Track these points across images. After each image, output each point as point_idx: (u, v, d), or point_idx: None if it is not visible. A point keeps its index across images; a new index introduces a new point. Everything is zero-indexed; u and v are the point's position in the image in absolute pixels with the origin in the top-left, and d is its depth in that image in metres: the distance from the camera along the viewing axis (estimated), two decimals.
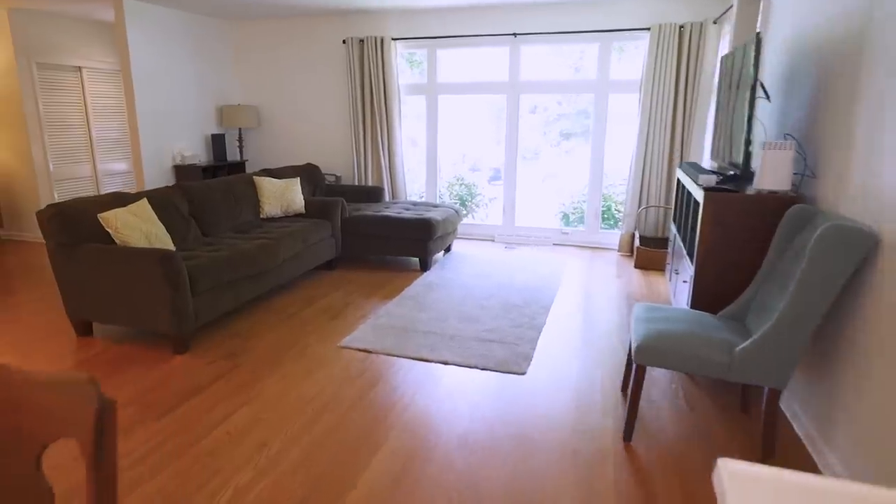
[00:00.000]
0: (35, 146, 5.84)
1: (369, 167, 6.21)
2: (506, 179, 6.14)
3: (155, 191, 4.07)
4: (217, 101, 6.36)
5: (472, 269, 5.12)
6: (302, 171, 5.67)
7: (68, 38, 6.07)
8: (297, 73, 6.39)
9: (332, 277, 4.91)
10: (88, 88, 6.35)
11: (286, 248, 4.26)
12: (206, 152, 6.26)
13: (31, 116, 5.78)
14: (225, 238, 4.29)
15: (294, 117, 6.52)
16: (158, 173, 5.64)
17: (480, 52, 6.02)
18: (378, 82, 5.95)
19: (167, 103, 5.67)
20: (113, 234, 3.43)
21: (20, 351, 3.46)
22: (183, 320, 3.31)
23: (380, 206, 5.49)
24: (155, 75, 5.50)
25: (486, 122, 6.75)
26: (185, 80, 5.87)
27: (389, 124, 6.06)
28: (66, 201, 3.48)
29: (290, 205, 4.98)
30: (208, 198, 4.42)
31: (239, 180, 4.81)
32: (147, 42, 5.37)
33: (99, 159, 6.55)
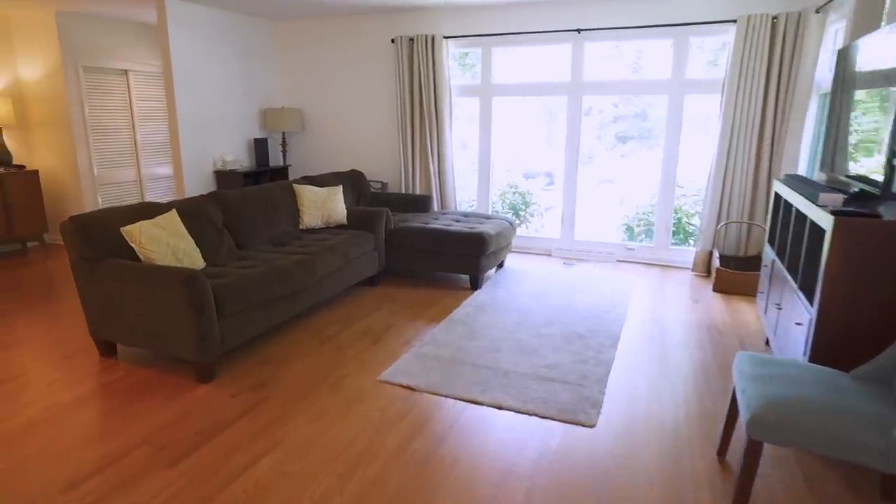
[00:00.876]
0: (80, 150, 5.74)
1: (417, 174, 5.81)
2: (565, 189, 5.62)
3: (187, 200, 3.79)
4: (260, 103, 6.12)
5: (528, 289, 4.63)
6: (346, 178, 5.33)
7: (115, 41, 5.95)
8: (343, 74, 6.07)
9: (375, 295, 4.52)
10: (134, 92, 6.22)
11: (325, 263, 3.90)
12: (248, 157, 6.02)
13: (77, 120, 5.68)
14: (260, 251, 3.97)
15: (339, 121, 6.21)
16: (199, 179, 5.42)
17: (539, 50, 5.53)
18: (428, 83, 5.55)
19: (209, 106, 5.45)
20: (137, 249, 3.14)
21: (41, 368, 3.21)
22: (207, 347, 2.98)
23: (427, 217, 5.08)
24: (197, 77, 5.27)
25: (538, 124, 6.26)
26: (227, 82, 5.64)
27: (439, 128, 5.64)
28: (89, 213, 3.22)
29: (331, 215, 4.63)
30: (244, 208, 4.11)
31: (278, 188, 4.50)
32: (189, 43, 5.15)
33: (143, 164, 6.42)
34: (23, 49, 5.71)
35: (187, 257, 3.34)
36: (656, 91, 5.07)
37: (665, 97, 5.06)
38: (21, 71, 5.78)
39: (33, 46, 5.63)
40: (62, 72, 5.52)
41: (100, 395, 2.95)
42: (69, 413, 2.76)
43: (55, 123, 5.74)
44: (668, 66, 5.02)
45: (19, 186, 5.46)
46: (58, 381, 3.09)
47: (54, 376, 3.15)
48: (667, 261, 5.36)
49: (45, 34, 5.51)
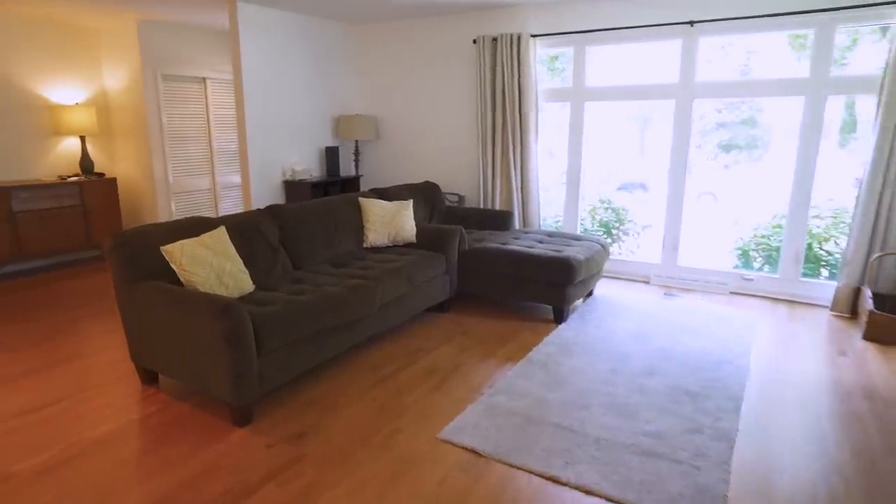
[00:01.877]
0: (156, 158, 5.69)
1: (497, 187, 5.25)
2: (669, 207, 4.84)
3: (240, 216, 3.45)
4: (333, 110, 5.82)
5: (623, 325, 3.92)
6: (418, 191, 4.87)
7: (194, 49, 5.89)
8: (421, 78, 5.64)
9: (443, 324, 4.00)
10: (212, 99, 6.13)
11: (387, 290, 3.43)
12: (318, 167, 5.73)
13: (154, 128, 5.63)
14: (318, 272, 3.57)
15: (415, 128, 5.78)
16: (267, 189, 5.17)
17: (641, 48, 4.81)
18: (512, 87, 4.99)
19: (280, 113, 5.19)
20: (177, 270, 2.81)
21: (80, 394, 2.96)
22: (243, 389, 2.57)
23: (507, 237, 4.50)
24: (267, 83, 5.03)
25: (629, 131, 5.52)
26: (299, 88, 5.37)
27: (524, 137, 5.06)
28: (132, 230, 2.94)
29: (398, 232, 4.17)
30: (303, 224, 3.74)
31: (341, 202, 4.10)
32: (260, 48, 4.91)
33: (218, 172, 6.33)
34: (108, 59, 5.75)
35: (233, 280, 2.98)
36: (790, 92, 4.20)
37: (800, 99, 4.18)
38: (106, 80, 5.84)
39: (117, 56, 5.65)
40: (141, 80, 5.49)
41: (130, 432, 2.62)
42: (91, 455, 2.44)
43: (134, 131, 5.73)
44: (804, 62, 4.14)
45: (98, 194, 5.47)
46: (92, 412, 2.82)
47: (90, 405, 2.88)
48: (796, 296, 4.44)
49: (128, 43, 5.51)
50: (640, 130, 5.56)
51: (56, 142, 5.53)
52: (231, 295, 2.96)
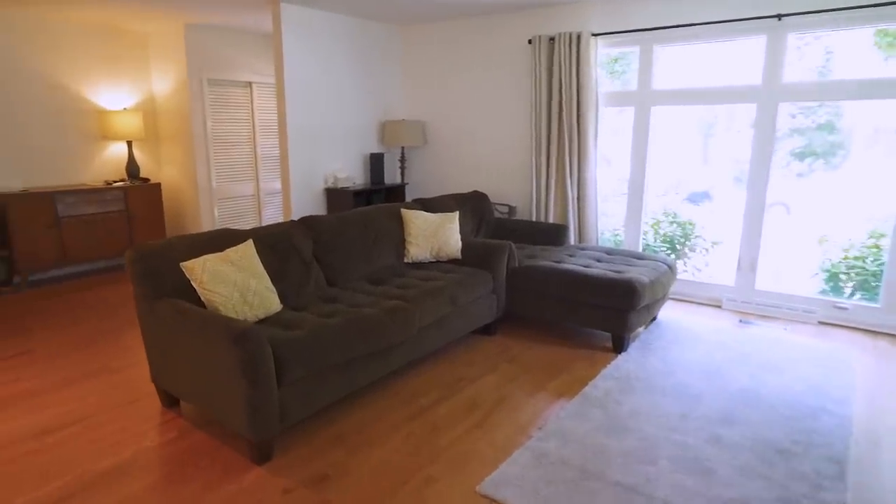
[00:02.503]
0: (199, 163, 5.60)
1: (551, 198, 4.85)
2: (746, 222, 4.32)
3: (271, 227, 3.21)
4: (379, 115, 5.57)
5: (693, 358, 3.45)
6: (465, 202, 4.54)
7: (240, 53, 5.78)
8: (471, 82, 5.32)
9: (488, 348, 3.64)
10: (257, 104, 6.02)
11: (427, 312, 3.11)
12: (362, 174, 5.49)
13: (199, 133, 5.54)
14: (354, 290, 3.29)
15: (464, 134, 5.46)
16: (309, 197, 4.96)
17: (717, 47, 4.32)
18: (570, 90, 4.59)
19: (323, 118, 4.98)
20: (197, 288, 2.58)
21: (99, 415, 2.78)
22: (261, 423, 2.30)
23: (561, 253, 4.10)
24: (311, 87, 4.83)
25: (693, 137, 5.00)
26: (344, 92, 5.14)
27: (582, 143, 4.65)
28: (154, 242, 2.73)
29: (442, 247, 3.84)
30: (339, 237, 3.47)
31: (382, 214, 3.82)
32: (304, 50, 4.72)
33: (262, 178, 6.20)
34: (156, 64, 5.72)
35: (259, 299, 2.73)
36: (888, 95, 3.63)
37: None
38: (154, 85, 5.81)
39: (165, 61, 5.61)
40: (187, 85, 5.41)
41: (141, 464, 2.40)
42: (97, 489, 2.23)
43: (179, 137, 5.67)
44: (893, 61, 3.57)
45: (142, 199, 5.42)
46: (107, 436, 2.62)
47: (106, 429, 2.68)
48: None
49: (175, 48, 5.45)
50: (703, 136, 5.04)
51: (104, 146, 5.52)
52: (256, 315, 2.71)
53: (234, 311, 2.61)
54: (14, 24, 4.85)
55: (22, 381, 3.19)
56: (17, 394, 3.05)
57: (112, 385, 3.15)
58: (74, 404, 2.93)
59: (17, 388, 3.10)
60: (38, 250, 4.78)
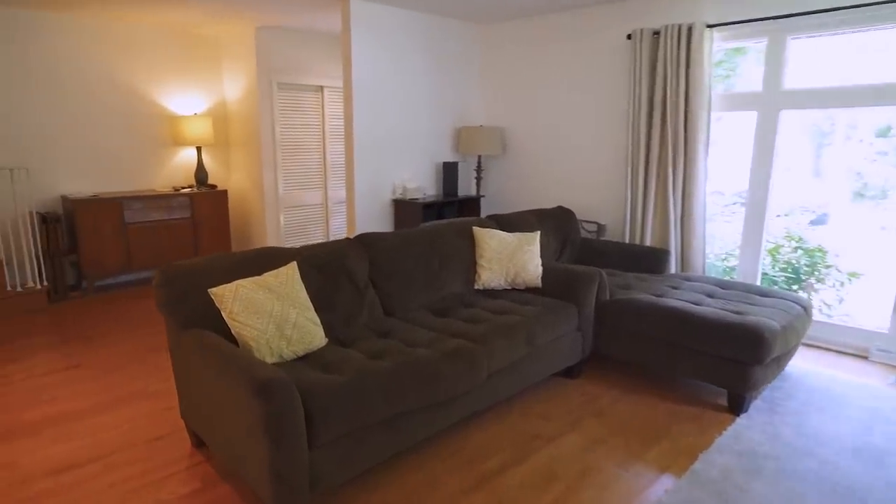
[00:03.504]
0: (267, 170, 5.37)
1: (649, 216, 4.17)
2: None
3: (323, 247, 2.80)
4: (454, 121, 5.11)
5: (840, 430, 2.69)
6: (547, 219, 3.97)
7: (312, 56, 5.52)
8: (557, 84, 4.73)
9: (570, 396, 3.05)
10: (328, 109, 5.74)
11: (498, 354, 2.58)
12: (434, 184, 5.04)
13: (267, 139, 5.32)
14: (414, 322, 2.81)
15: (549, 142, 4.88)
16: (375, 208, 4.57)
17: (860, 38, 3.50)
18: (677, 91, 3.91)
19: (393, 123, 4.58)
20: (227, 319, 2.19)
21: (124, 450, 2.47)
22: (286, 492, 1.86)
23: (662, 284, 3.43)
24: (380, 90, 4.44)
25: (801, 148, 4.14)
26: (416, 95, 4.72)
27: (689, 153, 3.95)
28: (185, 263, 2.38)
29: (519, 273, 3.29)
30: (401, 258, 3.01)
31: (451, 232, 3.32)
32: (373, 49, 4.34)
33: (331, 186, 5.91)
34: (228, 67, 5.58)
35: (299, 333, 2.31)
36: None
37: None
38: (226, 89, 5.67)
39: (236, 64, 5.45)
40: (257, 89, 5.20)
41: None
42: None
43: (248, 142, 5.48)
44: None
45: (208, 206, 5.25)
46: (126, 480, 2.30)
47: (127, 471, 2.36)
48: None
49: (246, 51, 5.26)
50: (816, 146, 4.18)
51: (174, 152, 5.43)
52: (294, 352, 2.29)
53: (267, 348, 2.20)
54: (88, 28, 4.82)
55: (59, 402, 2.97)
56: (50, 417, 2.81)
57: (146, 413, 2.85)
58: (103, 435, 2.64)
59: (51, 410, 2.88)
60: (103, 256, 4.69)
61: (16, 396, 3.04)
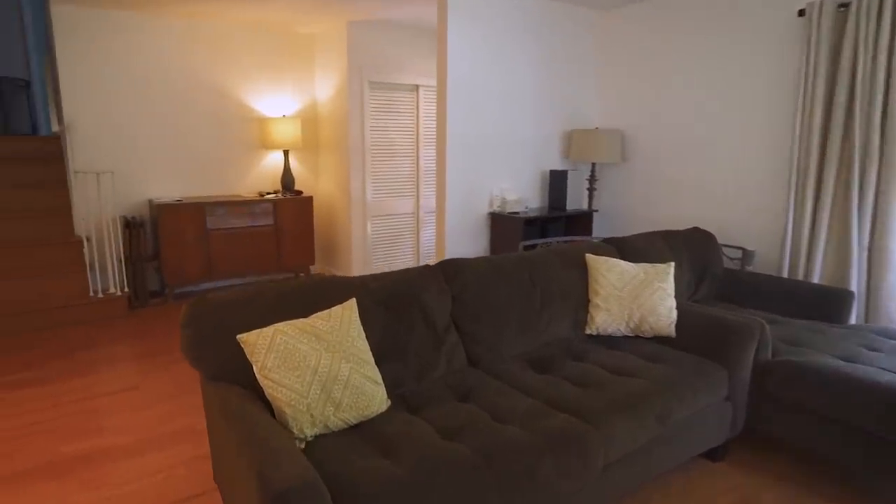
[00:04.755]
0: (354, 175, 4.96)
1: (819, 242, 3.21)
2: None
3: (392, 276, 2.23)
4: (564, 123, 4.38)
5: None
6: (681, 243, 3.15)
7: (407, 53, 5.04)
8: (694, 79, 3.86)
9: (715, 489, 2.24)
10: (423, 110, 5.23)
11: (619, 440, 1.87)
12: (538, 196, 4.35)
13: (356, 142, 4.91)
14: (506, 379, 2.17)
15: (680, 148, 4.02)
16: (467, 221, 3.97)
17: None
18: (872, 82, 2.95)
19: (492, 125, 3.96)
20: (258, 376, 1.68)
21: None
22: None
23: (847, 340, 2.52)
24: (478, 86, 3.84)
25: None
26: (519, 93, 4.07)
27: (885, 163, 2.96)
28: (217, 297, 1.90)
29: (645, 317, 2.53)
30: (493, 292, 2.37)
31: (557, 260, 2.63)
32: (472, 40, 3.75)
33: (423, 194, 5.40)
34: (320, 67, 5.25)
35: (352, 395, 1.74)
36: None
37: None
38: (317, 90, 5.35)
39: (327, 63, 5.10)
40: (347, 88, 4.80)
41: None
42: None
43: (337, 145, 5.10)
44: None
45: (292, 213, 4.94)
46: None
47: None
48: None
49: (337, 48, 4.89)
50: None
51: (262, 156, 5.18)
52: (344, 420, 1.73)
53: (307, 416, 1.66)
54: (176, 28, 4.65)
55: (103, 434, 2.65)
56: (87, 454, 2.49)
57: (186, 460, 2.44)
58: (134, 485, 2.26)
59: (91, 445, 2.56)
60: (184, 263, 4.50)
61: (64, 422, 2.77)
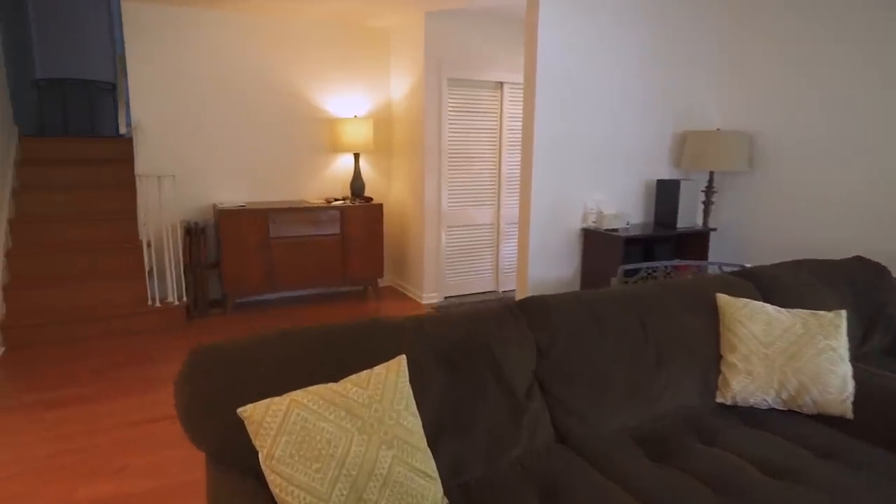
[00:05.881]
0: (429, 180, 4.49)
1: None
2: None
3: (451, 320, 1.69)
4: (675, 123, 3.69)
5: None
6: (840, 279, 2.41)
7: (491, 46, 4.52)
8: (850, 70, 3.05)
9: None
10: (507, 110, 4.69)
11: None
12: (641, 210, 3.68)
13: (431, 143, 4.45)
14: (608, 468, 1.59)
15: (827, 153, 3.21)
16: (555, 238, 3.39)
17: None
18: None
19: (587, 125, 3.35)
20: (264, 466, 1.20)
21: None
22: None
23: None
24: (572, 81, 3.25)
25: None
26: (621, 88, 3.43)
27: None
28: (221, 344, 1.46)
29: (805, 387, 1.84)
30: (591, 343, 1.79)
31: (674, 299, 1.99)
32: (567, 29, 3.16)
33: (505, 203, 4.85)
34: (396, 63, 4.83)
35: (391, 496, 1.24)
36: None
37: None
38: (392, 88, 4.93)
39: (403, 58, 4.67)
40: (423, 86, 4.34)
41: None
42: None
43: (411, 148, 4.66)
44: None
45: (359, 221, 4.55)
46: None
47: None
48: None
49: (413, 42, 4.45)
50: None
51: (331, 159, 4.83)
52: None
53: None
54: (242, 24, 4.38)
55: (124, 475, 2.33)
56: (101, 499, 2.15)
57: None
58: None
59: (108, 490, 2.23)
60: (245, 272, 4.22)
61: (91, 454, 2.49)
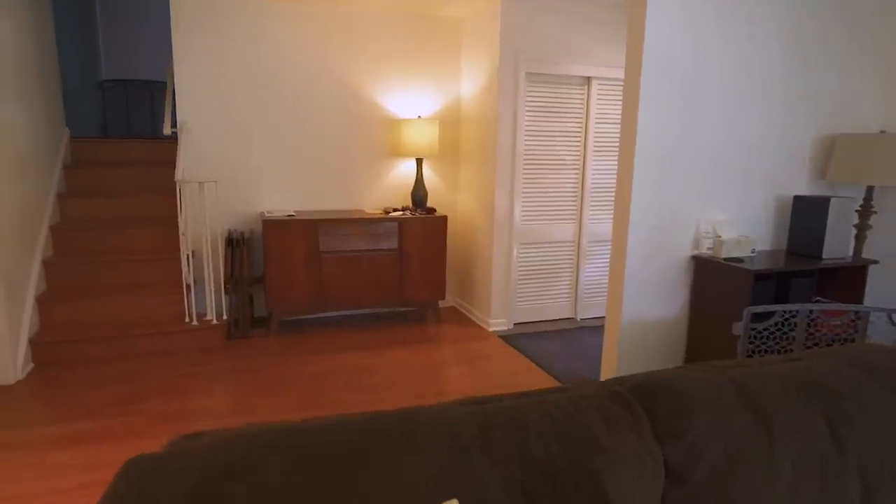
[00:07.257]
0: (501, 190, 3.90)
1: None
2: None
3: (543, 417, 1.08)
4: (818, 126, 2.89)
5: None
6: None
7: (577, 36, 3.88)
8: None
9: None
10: (594, 110, 4.02)
11: None
12: (773, 235, 2.90)
13: (505, 148, 3.86)
14: None
15: None
16: (658, 267, 2.70)
17: None
18: None
19: (701, 131, 2.65)
20: None
21: None
22: None
23: None
24: (687, 75, 2.57)
25: None
26: (747, 83, 2.70)
27: None
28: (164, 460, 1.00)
29: None
30: (751, 459, 1.12)
31: (880, 383, 1.28)
32: (679, 13, 2.48)
33: (588, 217, 4.17)
34: (466, 57, 4.28)
35: None
36: None
37: None
38: (462, 86, 4.38)
39: (475, 52, 4.11)
40: (497, 83, 3.77)
41: None
42: None
43: (481, 153, 4.08)
44: None
45: (419, 236, 4.02)
46: None
47: None
48: None
49: (488, 34, 3.88)
50: None
51: (392, 165, 4.34)
52: None
53: None
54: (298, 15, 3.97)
55: None
56: None
57: None
58: None
59: None
60: (291, 289, 3.79)
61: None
